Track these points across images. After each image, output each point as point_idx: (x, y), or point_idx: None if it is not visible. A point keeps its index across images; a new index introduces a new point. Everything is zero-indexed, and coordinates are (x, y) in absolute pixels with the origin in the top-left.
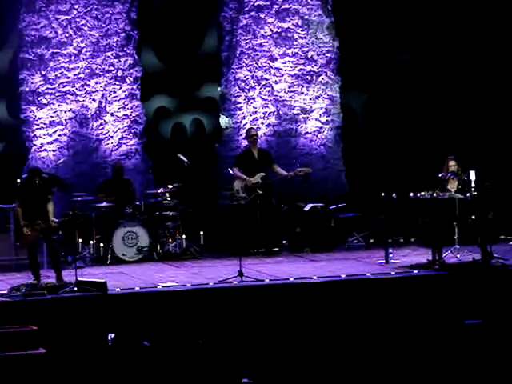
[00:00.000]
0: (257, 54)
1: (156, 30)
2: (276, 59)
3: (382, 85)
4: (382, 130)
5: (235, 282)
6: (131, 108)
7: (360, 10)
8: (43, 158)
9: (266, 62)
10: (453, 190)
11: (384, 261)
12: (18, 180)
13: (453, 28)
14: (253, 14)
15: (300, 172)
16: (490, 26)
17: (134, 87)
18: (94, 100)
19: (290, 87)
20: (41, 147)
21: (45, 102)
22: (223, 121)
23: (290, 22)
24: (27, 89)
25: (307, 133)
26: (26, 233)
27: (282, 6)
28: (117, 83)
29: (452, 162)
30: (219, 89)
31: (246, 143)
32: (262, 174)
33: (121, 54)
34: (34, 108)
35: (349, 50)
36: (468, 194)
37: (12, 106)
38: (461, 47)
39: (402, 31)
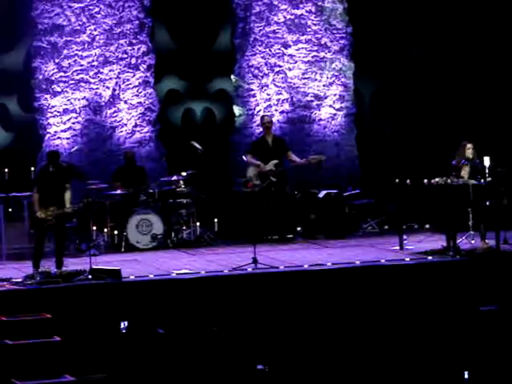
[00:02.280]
0: (270, 41)
1: (170, 15)
2: (289, 46)
3: (396, 70)
4: (395, 117)
5: (249, 269)
6: (145, 95)
7: None
8: (57, 145)
9: (279, 49)
10: (465, 176)
11: (398, 247)
12: (33, 168)
13: (469, 15)
14: (266, 0)
15: (313, 160)
16: (506, 16)
17: (148, 75)
18: (107, 88)
19: (303, 74)
20: (55, 135)
21: (58, 89)
22: (237, 109)
23: (303, 8)
24: (41, 77)
25: (321, 119)
26: (39, 216)
27: None
28: (130, 71)
29: (469, 145)
30: (232, 76)
31: (260, 130)
32: (276, 161)
33: (134, 41)
34: (47, 96)
35: (362, 37)
36: (482, 180)
37: (24, 100)
38: (479, 33)
39: (415, 17)
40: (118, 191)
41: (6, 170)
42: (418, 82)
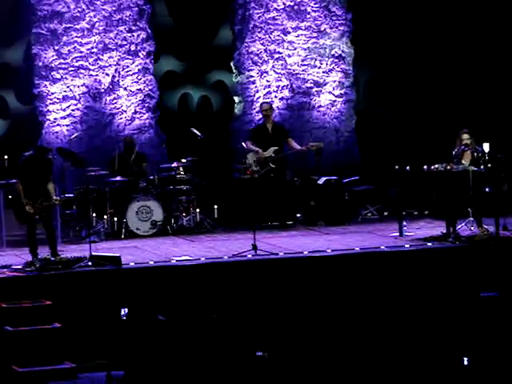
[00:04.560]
0: (270, 28)
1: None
2: (289, 32)
3: (395, 57)
4: (395, 103)
5: (249, 256)
6: (144, 82)
7: None
8: (56, 132)
9: (278, 36)
10: (467, 162)
11: (398, 234)
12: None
13: (468, 3)
14: None
15: (312, 147)
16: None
17: (147, 61)
18: (107, 74)
19: (303, 60)
20: (54, 122)
21: (58, 76)
22: (236, 98)
23: None
24: (40, 64)
25: (320, 106)
26: (28, 211)
27: None
28: (130, 57)
29: (465, 136)
30: (234, 68)
31: (260, 117)
32: (275, 147)
33: (134, 28)
34: (47, 83)
35: (361, 23)
36: (482, 167)
37: (23, 92)
38: (478, 21)
39: (415, 3)
40: (118, 178)
41: (6, 157)
42: (416, 68)
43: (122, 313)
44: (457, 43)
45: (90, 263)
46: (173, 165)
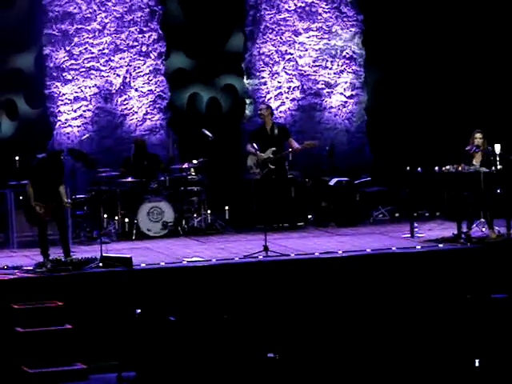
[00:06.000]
0: (281, 29)
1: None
2: (300, 33)
3: (407, 57)
4: (407, 104)
5: (260, 257)
6: (155, 83)
7: None
8: (68, 133)
9: (290, 37)
10: (477, 164)
11: (409, 235)
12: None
13: (479, 3)
14: None
15: (307, 145)
16: None
17: (158, 62)
18: (118, 75)
19: (314, 61)
20: (65, 123)
21: (69, 77)
22: (247, 99)
23: None
24: (51, 65)
25: (332, 107)
26: (38, 211)
27: None
28: (141, 58)
29: (478, 135)
30: (245, 74)
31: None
32: (273, 148)
33: (145, 29)
34: (58, 84)
35: (373, 24)
36: (493, 168)
37: (33, 97)
38: (490, 20)
39: (426, 4)
40: (129, 179)
41: (17, 158)
42: (428, 68)
43: (136, 313)
44: (468, 43)
45: (100, 264)
46: (184, 166)
